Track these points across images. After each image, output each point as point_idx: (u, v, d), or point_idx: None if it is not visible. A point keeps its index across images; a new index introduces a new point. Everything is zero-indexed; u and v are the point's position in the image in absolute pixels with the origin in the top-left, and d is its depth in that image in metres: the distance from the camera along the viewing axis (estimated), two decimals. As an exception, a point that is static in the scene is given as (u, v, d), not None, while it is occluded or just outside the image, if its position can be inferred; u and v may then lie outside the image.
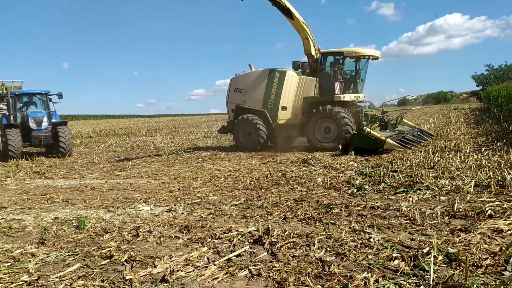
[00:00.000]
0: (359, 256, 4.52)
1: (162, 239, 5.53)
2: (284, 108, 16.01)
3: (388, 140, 13.00)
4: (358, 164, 11.14)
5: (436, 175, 8.69)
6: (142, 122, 62.66)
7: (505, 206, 6.12)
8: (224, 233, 5.64)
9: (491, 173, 8.32)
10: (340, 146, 13.95)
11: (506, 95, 23.06)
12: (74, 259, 4.92)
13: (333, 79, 15.30)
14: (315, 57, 16.04)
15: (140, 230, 5.94)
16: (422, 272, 4.03)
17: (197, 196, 8.14)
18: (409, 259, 4.35)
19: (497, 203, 6.34)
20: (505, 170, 8.45)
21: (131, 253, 4.94)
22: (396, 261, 4.32)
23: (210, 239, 5.39)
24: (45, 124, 16.43)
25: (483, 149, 12.28)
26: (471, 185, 7.44)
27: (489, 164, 9.34)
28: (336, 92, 15.16)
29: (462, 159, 10.51)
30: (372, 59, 16.02)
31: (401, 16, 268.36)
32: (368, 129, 13.34)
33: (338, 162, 11.50)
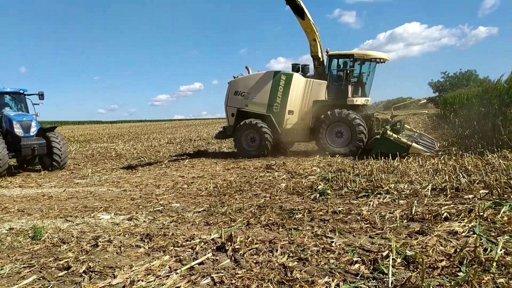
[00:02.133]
0: (321, 261, 4.57)
1: (122, 248, 5.40)
2: (290, 112, 15.34)
3: (414, 144, 12.88)
4: (321, 169, 11.30)
5: (395, 179, 8.94)
6: (103, 128, 61.27)
7: (460, 208, 6.36)
8: (187, 240, 5.58)
9: (447, 177, 8.64)
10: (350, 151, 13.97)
11: (461, 101, 24.04)
12: (30, 271, 4.73)
13: (346, 82, 14.93)
14: (321, 60, 15.58)
15: (100, 239, 5.79)
16: (381, 275, 4.12)
17: (160, 204, 8.02)
18: (369, 262, 4.44)
19: (452, 206, 6.58)
20: (460, 173, 8.81)
21: (90, 264, 4.80)
22: (357, 265, 4.40)
23: (172, 247, 5.31)
24: (33, 129, 13.58)
25: (440, 153, 12.75)
26: (428, 189, 7.70)
27: (445, 168, 9.70)
28: (348, 96, 14.82)
29: (420, 163, 10.87)
30: (382, 62, 15.52)
31: (363, 24, 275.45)
32: (392, 134, 13.23)
33: (301, 168, 11.64)
